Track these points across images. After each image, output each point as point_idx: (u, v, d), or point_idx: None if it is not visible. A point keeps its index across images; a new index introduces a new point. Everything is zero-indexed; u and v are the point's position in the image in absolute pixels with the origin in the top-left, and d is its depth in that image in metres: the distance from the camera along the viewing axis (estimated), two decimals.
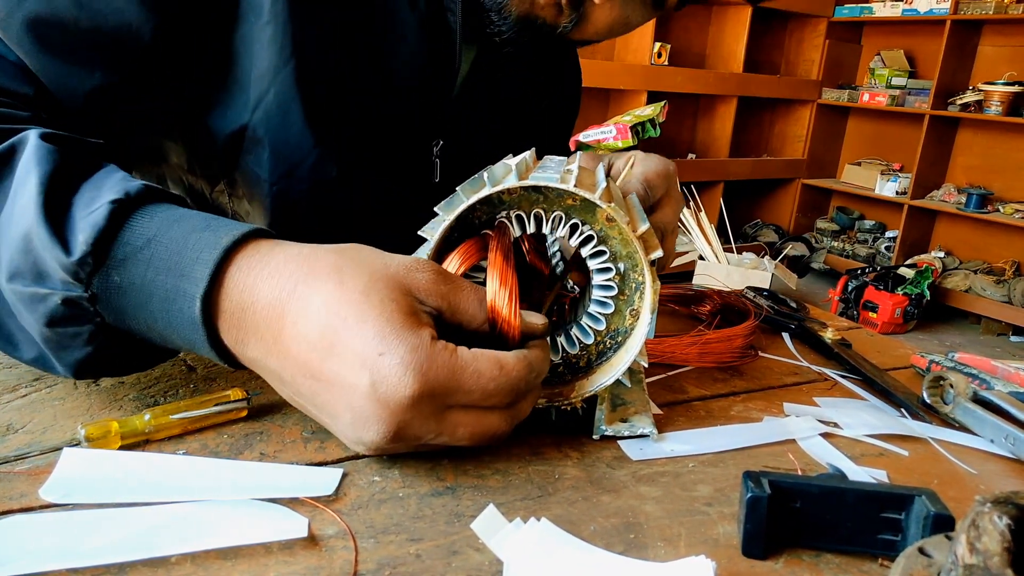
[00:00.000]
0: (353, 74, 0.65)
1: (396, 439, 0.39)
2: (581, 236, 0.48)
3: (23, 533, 0.35)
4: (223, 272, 0.41)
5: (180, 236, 0.42)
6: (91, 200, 0.43)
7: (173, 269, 0.41)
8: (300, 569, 0.35)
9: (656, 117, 3.48)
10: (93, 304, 0.42)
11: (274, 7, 0.59)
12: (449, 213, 0.46)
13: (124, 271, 0.41)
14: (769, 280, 2.64)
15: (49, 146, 0.45)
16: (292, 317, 0.40)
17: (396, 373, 0.38)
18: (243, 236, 0.42)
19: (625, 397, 0.54)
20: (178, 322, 0.42)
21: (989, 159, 3.96)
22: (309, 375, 0.40)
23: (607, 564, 0.36)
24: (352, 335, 0.39)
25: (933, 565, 0.31)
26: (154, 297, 0.41)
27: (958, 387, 0.58)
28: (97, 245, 0.41)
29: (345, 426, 0.40)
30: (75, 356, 0.44)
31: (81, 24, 0.53)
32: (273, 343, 0.41)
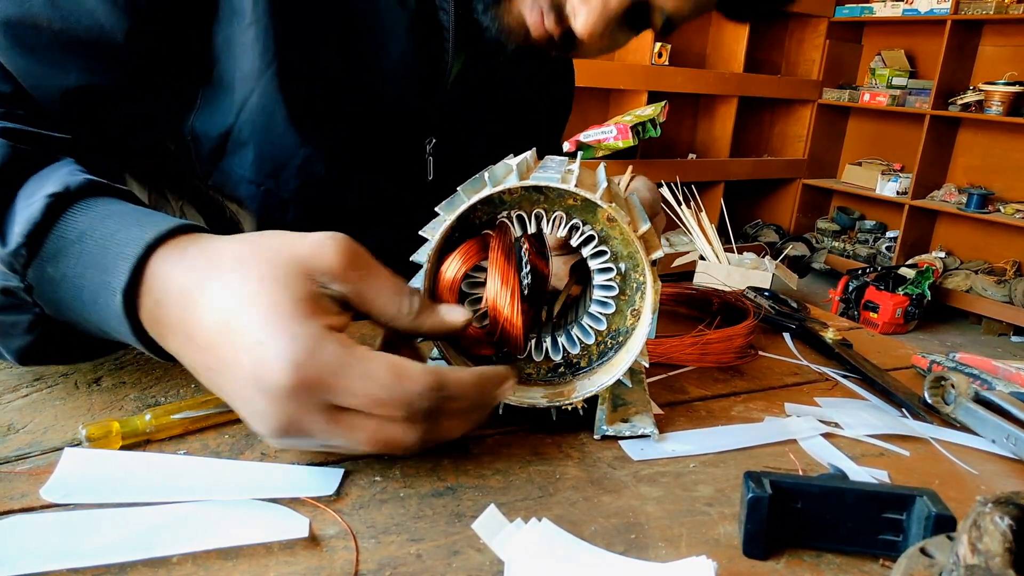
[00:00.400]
0: (341, 73, 0.65)
1: (286, 433, 0.37)
2: (582, 236, 0.48)
3: (23, 533, 0.35)
4: (144, 268, 0.41)
5: (109, 232, 0.42)
6: (32, 193, 0.43)
7: (99, 264, 0.41)
8: (301, 569, 0.35)
9: (656, 117, 3.48)
10: (30, 294, 0.43)
11: (256, 9, 0.59)
12: (450, 213, 0.46)
13: (56, 264, 0.42)
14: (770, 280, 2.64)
15: (2, 140, 0.46)
16: (196, 309, 0.40)
17: (273, 363, 0.36)
18: (168, 232, 0.42)
19: (626, 397, 0.54)
20: (107, 315, 0.42)
21: (990, 159, 3.96)
22: (208, 366, 0.39)
23: (608, 564, 0.36)
24: (240, 323, 0.38)
25: (935, 565, 0.31)
26: (84, 290, 0.42)
27: (959, 387, 0.58)
28: (31, 237, 0.41)
29: (244, 416, 0.39)
30: (17, 344, 0.45)
31: (54, 26, 0.53)
32: (185, 336, 0.40)
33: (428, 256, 0.46)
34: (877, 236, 4.41)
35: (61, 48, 0.54)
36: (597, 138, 3.13)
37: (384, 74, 0.67)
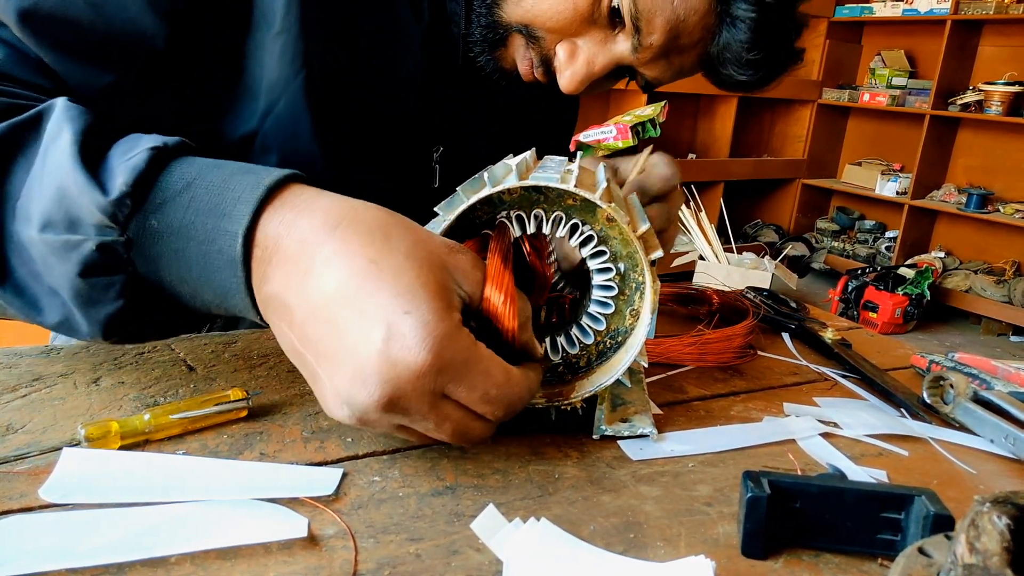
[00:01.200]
0: (359, 84, 0.66)
1: (386, 407, 0.37)
2: (581, 236, 0.48)
3: (23, 533, 0.35)
4: (264, 210, 0.41)
5: (220, 180, 0.42)
6: (128, 149, 0.43)
7: (214, 210, 0.41)
8: (300, 569, 0.35)
9: (656, 117, 3.47)
10: (128, 251, 0.41)
11: (287, 18, 0.60)
12: (449, 213, 0.46)
13: (162, 215, 0.41)
14: (769, 280, 2.65)
15: (80, 107, 0.45)
16: (326, 255, 0.39)
17: (415, 337, 0.36)
18: (285, 178, 0.42)
19: (625, 397, 0.54)
20: (216, 264, 0.41)
21: (989, 159, 3.96)
22: (324, 318, 0.38)
23: (607, 564, 0.36)
24: (382, 286, 0.37)
25: (933, 565, 0.31)
26: (192, 240, 0.41)
27: (958, 387, 0.58)
28: (136, 187, 0.41)
29: (341, 380, 0.38)
30: (105, 311, 0.43)
31: (96, 27, 0.54)
32: (298, 277, 0.39)
33: None
34: (877, 236, 4.41)
35: (100, 49, 0.55)
36: (597, 138, 3.12)
37: (398, 85, 0.69)
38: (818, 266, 4.36)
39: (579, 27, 0.62)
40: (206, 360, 0.58)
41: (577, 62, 0.63)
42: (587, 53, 0.63)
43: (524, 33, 0.64)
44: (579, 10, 0.61)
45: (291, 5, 0.60)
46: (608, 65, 0.64)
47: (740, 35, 0.59)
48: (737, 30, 0.58)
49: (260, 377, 0.55)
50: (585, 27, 0.62)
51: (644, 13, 0.59)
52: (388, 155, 0.72)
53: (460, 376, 0.38)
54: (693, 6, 0.58)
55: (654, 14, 0.59)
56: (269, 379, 0.55)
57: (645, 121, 1.17)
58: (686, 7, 0.58)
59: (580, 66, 0.63)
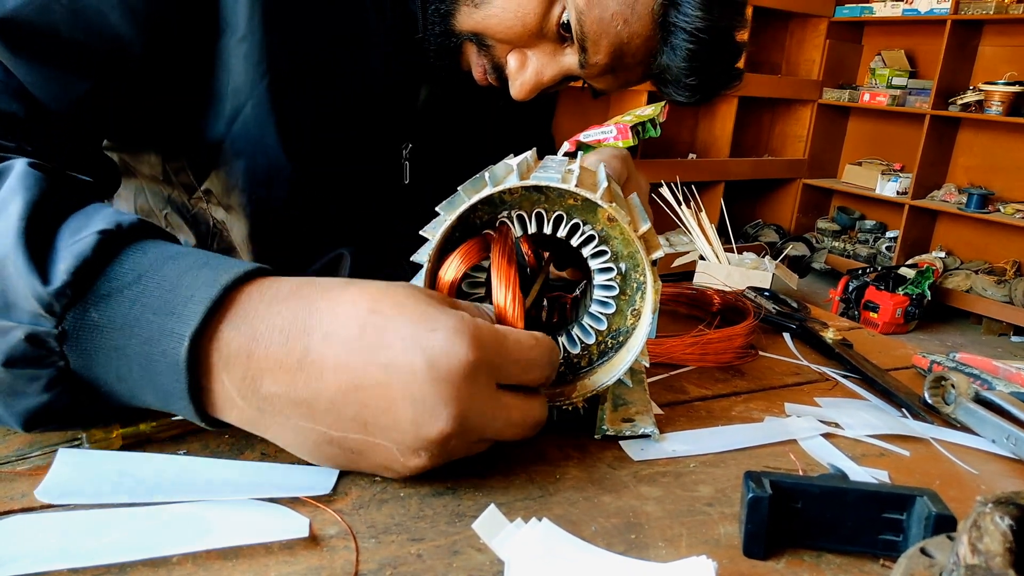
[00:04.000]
0: (325, 85, 0.67)
1: (459, 425, 0.37)
2: (583, 236, 0.48)
3: (23, 533, 0.35)
4: (223, 310, 0.38)
5: (174, 274, 0.38)
6: (78, 229, 0.39)
7: (162, 308, 0.37)
8: (301, 569, 0.35)
9: (656, 117, 3.47)
10: (60, 344, 0.37)
11: (250, 23, 0.61)
12: (450, 213, 0.45)
13: (105, 308, 0.37)
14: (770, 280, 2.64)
15: (37, 173, 0.41)
16: (320, 331, 0.37)
17: (451, 344, 0.37)
18: (245, 274, 0.39)
19: (627, 397, 0.54)
20: (158, 368, 0.37)
21: (990, 159, 3.95)
22: (353, 384, 0.37)
23: (608, 564, 0.36)
24: (395, 323, 0.37)
25: (935, 566, 0.31)
26: (135, 338, 0.37)
27: (959, 387, 0.58)
28: (79, 275, 0.37)
29: (405, 430, 0.37)
30: (27, 404, 0.38)
31: (75, 35, 0.53)
32: (299, 367, 0.37)
33: (428, 256, 0.46)
34: (877, 236, 4.41)
35: (78, 57, 0.54)
36: (597, 138, 3.13)
37: (364, 84, 0.70)
38: (819, 266, 4.35)
39: (529, 40, 0.64)
40: None
41: (527, 73, 0.66)
42: (536, 64, 0.65)
43: (475, 41, 0.66)
44: (528, 25, 0.62)
45: (254, 10, 0.61)
46: (557, 76, 0.66)
47: (679, 61, 0.61)
48: (676, 57, 0.61)
49: None
50: (535, 40, 0.64)
51: (590, 35, 0.61)
52: (357, 153, 0.73)
53: (501, 358, 0.39)
54: (636, 31, 0.60)
55: (600, 36, 0.61)
56: None
57: (645, 121, 1.17)
58: (630, 31, 0.60)
59: (530, 76, 0.66)
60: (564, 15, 0.61)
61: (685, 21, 0.58)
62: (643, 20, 0.60)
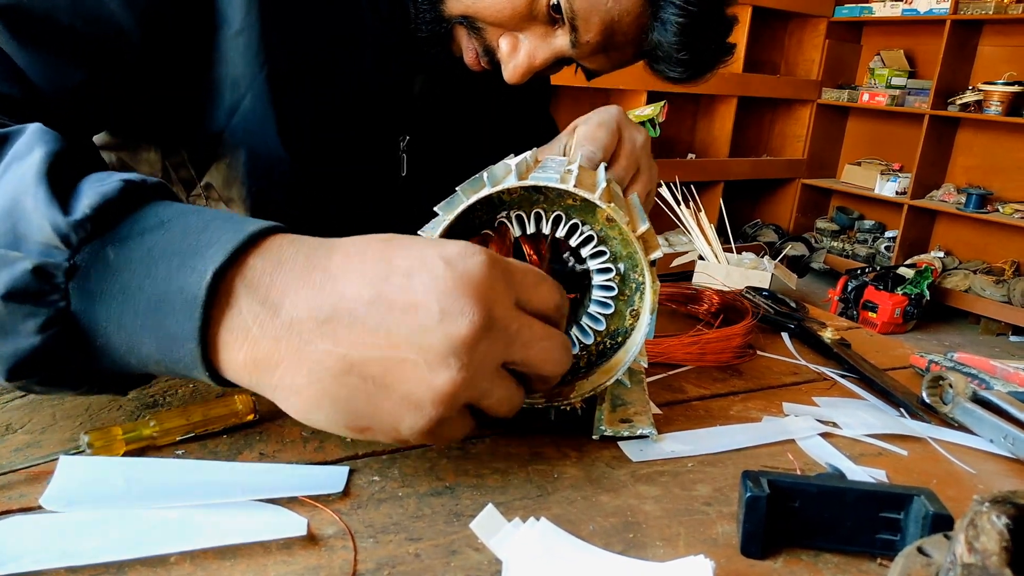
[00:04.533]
0: (321, 78, 0.67)
1: (488, 321, 0.36)
2: (581, 236, 0.48)
3: (23, 533, 0.35)
4: (249, 251, 0.37)
5: (199, 223, 0.38)
6: (103, 178, 0.38)
7: (185, 250, 0.36)
8: (299, 569, 0.35)
9: (656, 117, 3.48)
10: (67, 280, 0.35)
11: (248, 17, 0.61)
12: (449, 213, 0.46)
13: (123, 248, 0.36)
14: (769, 280, 2.64)
15: (55, 133, 0.41)
16: (341, 253, 0.38)
17: (467, 250, 0.37)
18: (270, 228, 0.39)
19: (625, 397, 0.54)
20: (169, 306, 0.36)
21: (989, 159, 3.96)
22: (376, 293, 0.36)
23: (606, 563, 0.36)
24: (411, 243, 0.38)
25: (932, 564, 0.31)
26: (149, 278, 0.36)
27: (957, 387, 0.58)
28: (102, 212, 0.36)
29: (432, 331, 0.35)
30: (16, 346, 0.36)
31: (75, 23, 0.54)
32: (321, 287, 0.36)
33: None
34: (876, 236, 4.41)
35: (76, 45, 0.54)
36: None
37: (362, 76, 0.70)
38: (817, 266, 4.36)
39: (519, 22, 0.64)
40: None
41: (519, 56, 0.65)
42: (528, 47, 0.65)
43: (466, 25, 0.66)
44: (517, 7, 0.62)
45: (251, 4, 0.61)
46: (549, 58, 0.66)
47: (670, 37, 0.61)
48: (667, 32, 0.60)
49: None
50: (525, 22, 0.64)
51: (580, 13, 0.61)
52: (354, 146, 0.73)
53: (520, 282, 0.39)
54: (627, 7, 0.60)
55: (590, 14, 0.61)
56: None
57: (645, 121, 1.17)
58: (620, 8, 0.60)
59: (522, 59, 0.65)
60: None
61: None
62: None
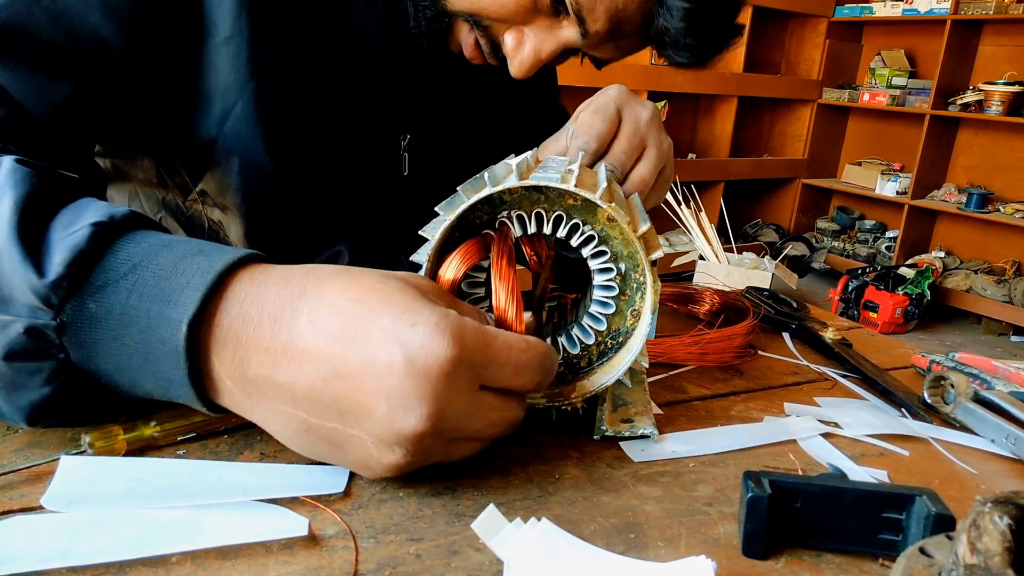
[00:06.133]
0: (314, 83, 0.67)
1: (435, 423, 0.37)
2: (582, 236, 0.48)
3: (24, 533, 0.35)
4: (218, 295, 0.38)
5: (169, 262, 0.39)
6: (71, 222, 0.39)
7: (159, 296, 0.38)
8: (300, 569, 0.35)
9: None
10: (60, 336, 0.38)
11: (237, 23, 0.60)
12: (450, 213, 0.46)
13: (102, 299, 0.38)
14: (769, 280, 2.63)
15: (25, 169, 0.41)
16: (306, 316, 0.38)
17: (432, 340, 0.36)
18: (239, 260, 0.40)
19: (626, 397, 0.54)
20: (157, 355, 0.38)
21: (989, 159, 3.95)
22: (332, 372, 0.37)
23: (607, 564, 0.36)
24: (378, 315, 0.37)
25: (934, 565, 0.31)
26: (133, 327, 0.38)
27: (959, 387, 0.58)
28: (74, 267, 0.37)
29: (380, 422, 0.36)
30: (29, 398, 0.39)
31: (55, 39, 0.52)
32: (283, 351, 0.38)
33: (428, 256, 0.46)
34: (877, 236, 4.41)
35: (59, 60, 0.53)
36: None
37: (358, 76, 0.69)
38: (818, 266, 4.36)
39: (524, 16, 0.64)
40: None
41: (524, 50, 0.65)
42: (534, 40, 0.65)
43: (471, 21, 0.65)
44: (521, 1, 0.62)
45: (241, 10, 0.60)
46: (555, 50, 0.65)
47: (676, 23, 0.60)
48: (673, 18, 0.59)
49: None
50: (530, 16, 0.64)
51: (585, 4, 0.60)
52: (354, 146, 0.72)
53: (486, 359, 0.38)
54: None
55: (595, 4, 0.60)
56: None
57: None
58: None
59: (528, 53, 0.65)
60: None
61: None
62: None
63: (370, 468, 0.39)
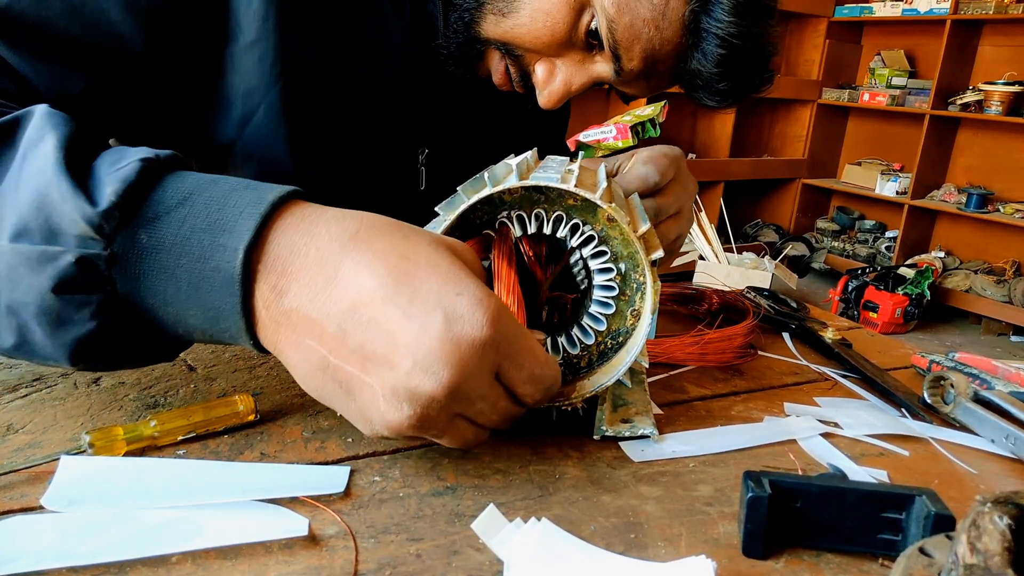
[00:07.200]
0: (339, 91, 0.67)
1: (451, 391, 0.36)
2: (582, 236, 0.48)
3: (23, 533, 0.35)
4: (269, 225, 0.39)
5: (219, 195, 0.39)
6: (117, 160, 0.39)
7: (212, 227, 0.38)
8: (300, 569, 0.35)
9: (656, 117, 3.47)
10: (110, 267, 0.38)
11: (264, 27, 0.60)
12: (450, 213, 0.46)
13: (153, 230, 0.38)
14: (769, 280, 2.64)
15: (62, 114, 0.42)
16: (353, 260, 0.38)
17: (473, 313, 0.36)
18: (288, 194, 0.40)
19: (626, 397, 0.54)
20: (209, 284, 0.38)
21: (989, 159, 3.95)
22: (367, 318, 0.37)
23: (607, 564, 0.36)
24: (426, 275, 0.37)
25: (934, 565, 0.31)
26: (185, 257, 0.38)
27: (959, 387, 0.58)
28: (126, 198, 0.38)
29: (399, 376, 0.36)
30: (75, 333, 0.39)
31: (72, 30, 0.52)
32: (324, 286, 0.38)
33: None
34: (877, 236, 4.41)
35: (75, 52, 0.53)
36: (596, 138, 3.13)
37: (381, 87, 0.69)
38: (818, 266, 4.36)
39: (557, 49, 0.64)
40: (206, 360, 0.58)
41: (555, 82, 0.66)
42: (565, 74, 0.65)
43: (503, 50, 0.65)
44: (556, 35, 0.62)
45: (268, 13, 0.60)
46: (586, 84, 0.66)
47: (710, 67, 0.60)
48: (708, 62, 0.60)
49: (260, 377, 0.56)
50: (563, 49, 0.64)
51: (623, 42, 0.61)
52: (372, 159, 0.72)
53: (512, 352, 0.39)
54: (668, 37, 0.60)
55: (632, 43, 0.61)
56: (269, 379, 0.55)
57: (645, 121, 1.16)
58: (661, 38, 0.60)
59: (558, 86, 0.66)
60: (593, 23, 0.61)
61: (717, 27, 0.58)
62: (674, 26, 0.59)
63: (370, 422, 0.38)
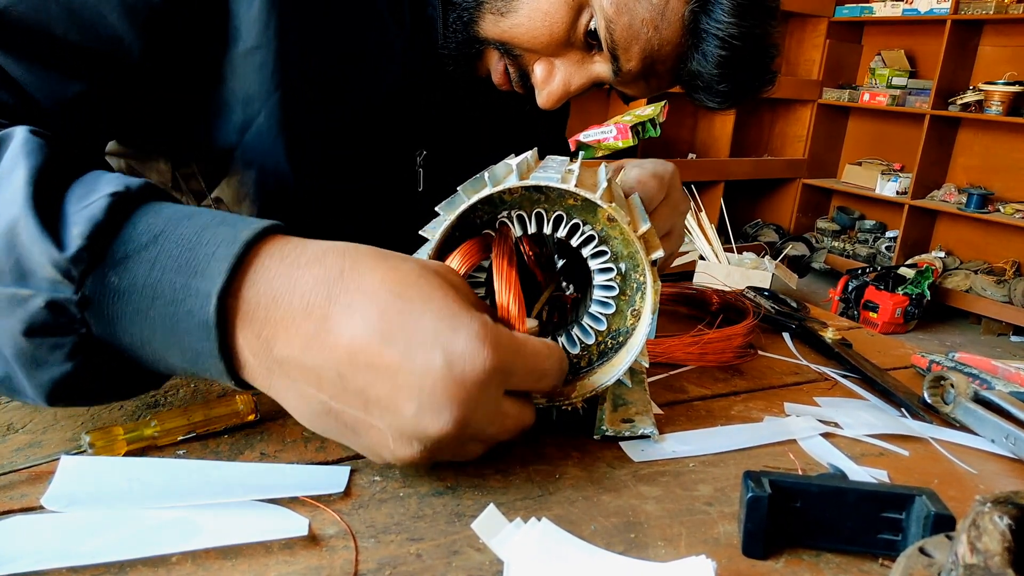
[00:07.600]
0: (340, 93, 0.67)
1: (460, 428, 0.36)
2: (582, 236, 0.48)
3: (24, 533, 0.35)
4: (244, 266, 0.37)
5: (192, 232, 0.38)
6: (85, 194, 0.38)
7: (184, 268, 0.37)
8: (301, 569, 0.35)
9: (656, 117, 3.48)
10: (81, 310, 0.37)
11: (265, 34, 0.60)
12: (450, 213, 0.46)
13: (124, 271, 0.37)
14: (769, 280, 2.64)
15: (39, 140, 0.41)
16: (343, 301, 0.37)
17: (472, 348, 0.36)
18: (264, 230, 0.39)
19: (626, 397, 0.54)
20: (185, 328, 0.37)
21: (989, 159, 3.95)
22: (365, 364, 0.36)
23: (608, 564, 0.36)
24: (420, 312, 0.37)
25: (934, 565, 0.31)
26: (158, 300, 0.37)
27: (959, 387, 0.58)
28: (93, 239, 0.36)
29: (405, 419, 0.36)
30: (50, 375, 0.38)
31: (70, 35, 0.52)
32: (314, 335, 0.37)
33: (428, 256, 0.46)
34: (877, 236, 4.41)
35: (72, 57, 0.53)
36: (597, 138, 3.13)
37: (381, 92, 0.69)
38: (818, 266, 4.35)
39: (556, 49, 0.64)
40: None
41: (554, 82, 0.65)
42: (564, 74, 0.65)
43: (501, 50, 0.65)
44: (555, 34, 0.62)
45: (269, 20, 0.60)
46: (585, 84, 0.66)
47: (710, 68, 0.60)
48: (708, 63, 0.60)
49: None
50: (562, 49, 0.64)
51: (621, 43, 0.60)
52: (371, 161, 0.72)
53: (516, 367, 0.39)
54: (667, 38, 0.60)
55: (630, 43, 0.60)
56: None
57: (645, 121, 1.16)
58: (660, 39, 0.60)
59: (557, 86, 0.65)
60: (591, 23, 0.61)
61: (717, 28, 0.57)
62: (673, 26, 0.59)
63: (380, 457, 0.39)
